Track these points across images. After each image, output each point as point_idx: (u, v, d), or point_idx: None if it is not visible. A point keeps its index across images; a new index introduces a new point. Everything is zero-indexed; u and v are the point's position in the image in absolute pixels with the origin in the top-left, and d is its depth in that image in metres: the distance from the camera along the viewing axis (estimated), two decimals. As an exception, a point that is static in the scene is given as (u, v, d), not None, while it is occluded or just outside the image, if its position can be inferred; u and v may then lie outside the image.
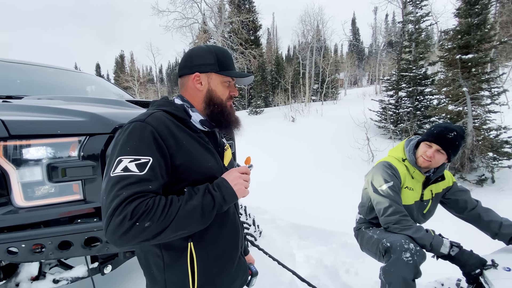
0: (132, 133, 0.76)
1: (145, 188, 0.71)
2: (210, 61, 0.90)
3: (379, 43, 32.38)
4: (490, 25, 6.51)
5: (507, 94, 10.98)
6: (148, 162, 0.73)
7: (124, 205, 0.66)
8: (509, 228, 1.45)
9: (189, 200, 0.74)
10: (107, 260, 1.64)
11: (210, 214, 0.76)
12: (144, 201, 0.68)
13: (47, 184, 1.28)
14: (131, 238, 0.66)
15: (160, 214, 0.68)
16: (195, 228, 0.76)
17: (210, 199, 0.76)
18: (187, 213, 0.72)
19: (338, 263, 2.71)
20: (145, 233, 0.67)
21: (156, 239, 0.70)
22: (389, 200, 1.52)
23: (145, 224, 0.66)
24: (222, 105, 0.92)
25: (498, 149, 6.18)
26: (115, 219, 0.65)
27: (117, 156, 0.73)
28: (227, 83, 0.94)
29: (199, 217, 0.74)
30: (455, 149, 1.50)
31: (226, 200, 0.79)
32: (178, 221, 0.70)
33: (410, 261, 1.34)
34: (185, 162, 0.80)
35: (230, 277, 0.93)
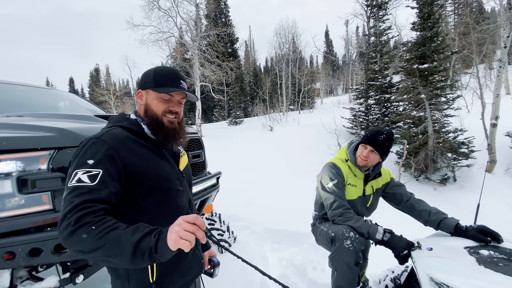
0: (87, 149, 0.87)
1: (95, 197, 0.78)
2: (149, 79, 1.01)
3: (351, 54, 33.95)
4: (442, 37, 7.16)
5: (466, 98, 11.97)
6: (98, 174, 0.81)
7: (73, 212, 0.74)
8: (436, 215, 1.69)
9: (130, 234, 0.71)
10: (79, 269, 1.70)
11: (143, 257, 0.70)
12: (91, 213, 0.74)
13: (17, 196, 1.36)
14: (71, 243, 0.72)
15: (99, 232, 0.70)
16: (124, 263, 0.71)
17: (147, 242, 0.70)
18: (121, 243, 0.70)
19: (306, 261, 2.89)
20: (81, 244, 0.71)
21: (91, 256, 0.71)
22: (334, 196, 1.74)
23: (83, 235, 0.70)
24: (156, 119, 1.00)
25: (457, 150, 6.71)
26: (64, 223, 0.73)
27: (73, 169, 0.83)
28: (165, 99, 1.01)
29: (130, 254, 0.69)
30: (385, 149, 1.74)
31: (157, 250, 0.70)
32: (110, 246, 0.69)
33: (351, 248, 1.54)
34: (140, 169, 0.92)
35: (185, 268, 1.07)
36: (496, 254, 1.32)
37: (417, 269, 1.34)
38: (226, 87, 24.51)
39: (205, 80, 15.66)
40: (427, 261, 1.37)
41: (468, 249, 1.40)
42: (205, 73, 15.16)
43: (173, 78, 1.02)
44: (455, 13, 24.43)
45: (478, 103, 9.13)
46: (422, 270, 1.30)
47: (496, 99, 7.13)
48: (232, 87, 25.34)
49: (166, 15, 14.03)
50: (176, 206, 1.05)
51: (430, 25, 7.03)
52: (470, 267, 1.24)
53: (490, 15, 22.71)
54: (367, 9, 11.36)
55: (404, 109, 8.79)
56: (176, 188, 1.04)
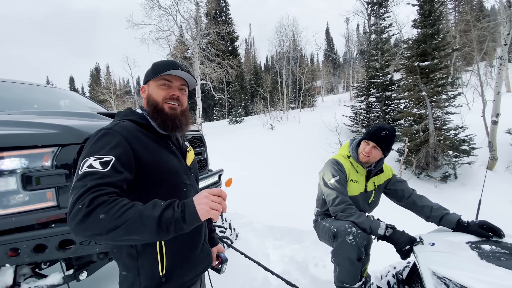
0: (99, 139, 0.88)
1: (108, 181, 0.77)
2: (149, 72, 1.05)
3: (352, 52, 33.89)
4: (443, 34, 7.14)
5: (467, 96, 11.95)
6: (111, 160, 0.81)
7: (86, 194, 0.72)
8: (437, 211, 1.69)
9: (150, 209, 0.74)
10: (83, 266, 1.72)
11: (168, 229, 0.73)
12: (105, 195, 0.73)
13: (21, 193, 1.37)
14: (86, 227, 0.70)
15: (116, 211, 0.70)
16: (148, 238, 0.74)
17: (171, 214, 0.74)
18: (143, 219, 0.71)
19: (308, 258, 2.90)
20: (99, 226, 0.69)
21: (109, 236, 0.71)
22: (336, 192, 1.75)
23: (100, 216, 0.69)
24: (156, 105, 1.02)
25: (457, 147, 6.71)
26: (76, 207, 0.71)
27: (84, 157, 0.83)
28: (165, 85, 1.03)
29: (154, 228, 0.71)
30: (388, 145, 1.75)
31: (186, 220, 0.74)
32: (131, 224, 0.70)
33: (353, 243, 1.55)
34: (150, 162, 0.93)
35: (194, 261, 1.08)
36: (498, 249, 1.33)
37: (419, 263, 1.35)
38: (226, 86, 24.49)
39: (206, 78, 15.65)
40: (429, 255, 1.38)
41: (470, 244, 1.40)
42: (206, 71, 15.15)
43: (170, 64, 1.04)
44: (456, 11, 24.35)
45: (479, 100, 9.12)
46: (424, 265, 1.31)
47: (497, 97, 7.12)
48: (233, 85, 25.33)
49: (166, 13, 14.02)
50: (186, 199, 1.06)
51: (431, 22, 7.02)
52: (472, 262, 1.24)
53: (491, 13, 22.63)
54: (367, 6, 11.33)
55: (405, 107, 8.79)
56: (184, 182, 1.06)
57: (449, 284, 1.17)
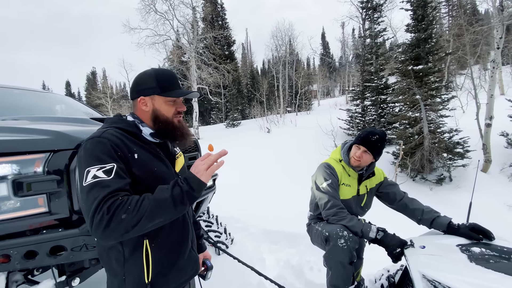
0: (92, 147, 0.89)
1: (116, 187, 0.83)
2: (152, 85, 1.02)
3: (347, 56, 34.18)
4: (436, 38, 7.24)
5: (461, 99, 12.09)
6: (113, 168, 0.86)
7: (101, 205, 0.78)
8: (428, 214, 1.71)
9: (160, 194, 0.85)
10: (75, 272, 1.70)
11: (182, 202, 0.85)
12: (118, 199, 0.80)
13: (12, 199, 1.37)
14: (112, 231, 0.77)
15: (134, 207, 0.79)
16: (171, 216, 0.87)
17: (179, 190, 0.85)
18: (159, 203, 0.82)
19: (303, 262, 2.90)
20: (124, 225, 0.78)
21: (136, 230, 0.80)
22: (328, 195, 1.76)
23: (122, 216, 0.77)
24: (167, 122, 1.05)
25: (452, 150, 6.77)
26: (96, 217, 0.77)
27: (84, 168, 0.85)
28: (172, 102, 1.05)
29: (171, 207, 0.84)
30: (378, 149, 1.77)
31: (194, 188, 0.87)
32: (152, 212, 0.81)
33: (345, 247, 1.56)
34: (137, 169, 0.95)
35: (180, 269, 1.08)
36: (488, 251, 1.34)
37: (410, 266, 1.36)
38: (223, 90, 24.55)
39: (202, 82, 15.69)
40: (420, 258, 1.39)
41: (460, 246, 1.42)
42: (202, 75, 15.19)
43: (175, 81, 1.07)
44: (449, 15, 24.70)
45: (473, 103, 9.22)
46: (415, 268, 1.32)
47: (490, 100, 7.22)
48: (229, 89, 25.37)
49: (162, 18, 14.08)
50: None
51: (424, 26, 7.12)
52: (462, 264, 1.26)
53: (484, 17, 22.98)
54: (362, 11, 11.45)
55: (400, 110, 8.87)
56: None
57: (438, 286, 1.19)
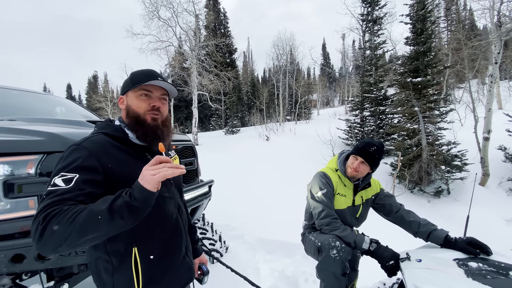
0: (67, 156, 0.88)
1: (64, 197, 0.77)
2: (127, 83, 1.03)
3: (347, 67, 34.55)
4: (434, 52, 7.34)
5: (459, 112, 12.17)
6: (73, 177, 0.81)
7: (41, 212, 0.73)
8: (425, 227, 1.69)
9: (99, 204, 0.75)
10: (64, 278, 1.66)
11: (122, 215, 0.73)
12: (58, 208, 0.73)
13: (2, 201, 1.34)
14: (45, 243, 0.71)
15: (68, 218, 0.70)
16: (106, 232, 0.74)
17: (120, 201, 0.75)
18: (93, 216, 0.72)
19: (298, 273, 2.85)
20: (55, 237, 0.70)
21: (68, 244, 0.71)
22: (322, 205, 1.74)
23: (54, 227, 0.70)
24: (137, 118, 1.00)
25: (450, 162, 6.78)
26: (32, 227, 0.72)
27: (52, 175, 0.84)
28: (144, 96, 1.01)
29: (107, 220, 0.72)
30: (376, 161, 1.76)
31: (136, 198, 0.75)
32: (84, 225, 0.70)
33: (337, 257, 1.54)
34: (120, 175, 0.91)
35: (173, 276, 1.04)
36: (485, 266, 1.32)
37: (406, 280, 1.33)
38: (223, 97, 24.66)
39: (203, 89, 15.77)
40: (416, 272, 1.36)
41: (457, 261, 1.39)
42: (203, 82, 15.27)
43: (149, 74, 1.02)
44: (448, 30, 25.12)
45: (471, 117, 9.28)
46: (411, 282, 1.29)
47: (488, 113, 7.26)
48: (230, 96, 25.51)
49: (165, 24, 14.21)
50: (163, 213, 1.03)
51: (423, 40, 7.22)
52: (459, 279, 1.23)
53: (482, 32, 23.37)
54: (362, 23, 11.63)
55: (399, 121, 8.91)
56: (162, 195, 1.02)
57: (434, 302, 1.16)
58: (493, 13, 7.75)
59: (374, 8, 11.08)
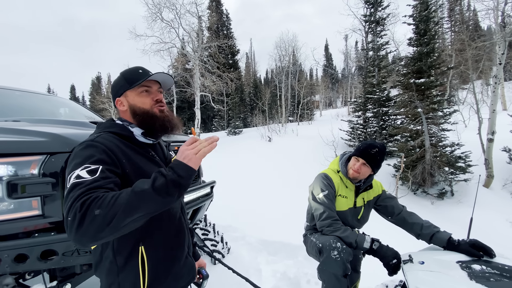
0: (83, 151, 0.87)
1: (96, 185, 0.77)
2: (121, 83, 1.03)
3: (350, 68, 34.47)
4: (438, 52, 7.30)
5: (463, 113, 12.08)
6: (98, 168, 0.81)
7: (76, 201, 0.72)
8: (428, 229, 1.68)
9: (139, 185, 0.77)
10: (67, 278, 1.67)
11: (167, 193, 0.76)
12: (94, 194, 0.73)
13: (6, 201, 1.35)
14: (86, 231, 0.69)
15: (109, 201, 0.71)
16: (154, 208, 0.77)
17: (163, 180, 0.77)
18: (137, 196, 0.74)
19: (300, 274, 2.84)
20: (97, 222, 0.69)
21: (112, 228, 0.70)
22: (324, 206, 1.74)
23: (95, 212, 0.69)
24: (146, 113, 1.02)
25: (454, 164, 6.72)
26: (69, 217, 0.70)
27: (71, 171, 0.82)
28: (145, 92, 1.03)
29: (153, 197, 0.74)
30: (377, 162, 1.75)
31: (181, 176, 0.79)
32: (129, 204, 0.72)
33: (338, 258, 1.53)
34: (133, 173, 0.93)
35: (176, 275, 1.05)
36: (488, 269, 1.31)
37: (408, 282, 1.32)
38: (226, 98, 24.70)
39: (205, 90, 15.79)
40: (418, 274, 1.35)
41: (460, 263, 1.38)
42: (206, 83, 15.30)
43: (142, 71, 1.04)
44: (452, 30, 24.98)
45: (475, 118, 9.21)
46: (413, 284, 1.28)
47: (492, 115, 7.21)
48: (232, 97, 25.56)
49: (168, 26, 14.27)
50: (168, 212, 1.04)
51: (426, 41, 7.19)
52: (462, 282, 1.22)
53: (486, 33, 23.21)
54: (365, 24, 11.61)
55: (402, 123, 8.87)
56: None
57: (437, 304, 1.15)
58: (497, 14, 7.70)
59: (377, 9, 11.06)
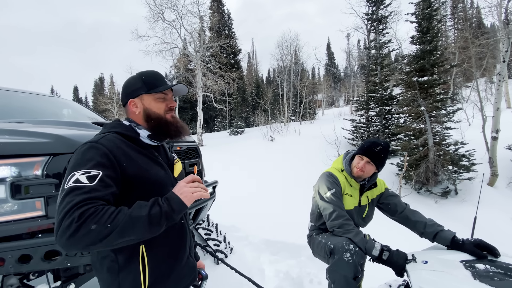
0: (85, 152, 0.88)
1: (95, 195, 0.78)
2: (138, 86, 1.04)
3: (352, 66, 34.35)
4: (441, 50, 7.24)
5: (467, 111, 11.98)
6: (98, 175, 0.82)
7: (73, 210, 0.73)
8: (431, 228, 1.66)
9: (137, 210, 0.80)
10: (70, 278, 1.68)
11: (159, 223, 0.81)
12: (92, 207, 0.75)
13: (10, 202, 1.36)
14: (78, 240, 0.72)
15: (107, 218, 0.74)
16: (143, 235, 0.80)
17: (158, 210, 0.81)
18: (133, 220, 0.77)
19: (303, 274, 2.83)
20: (91, 236, 0.72)
21: (103, 243, 0.74)
22: (333, 205, 1.72)
23: (92, 227, 0.72)
24: (160, 119, 1.05)
25: (457, 162, 6.67)
26: (65, 223, 0.72)
27: (70, 171, 0.83)
28: (161, 98, 1.06)
29: (146, 225, 0.78)
30: (382, 160, 1.74)
31: (174, 210, 0.84)
32: (124, 227, 0.75)
33: (350, 261, 1.51)
34: (136, 174, 0.93)
35: (178, 275, 1.06)
36: (493, 268, 1.29)
37: (412, 282, 1.31)
38: (228, 97, 24.72)
39: (207, 90, 15.83)
40: (422, 274, 1.34)
41: (464, 263, 1.37)
42: (208, 83, 15.34)
43: (161, 78, 1.08)
44: (455, 28, 24.78)
45: (479, 116, 9.14)
46: (417, 284, 1.27)
47: (496, 113, 7.14)
48: (234, 97, 25.55)
49: (170, 26, 14.33)
50: None
51: (429, 39, 7.14)
52: (465, 281, 1.21)
53: (490, 30, 23.00)
54: (367, 23, 11.55)
55: (405, 121, 8.81)
56: None
57: (441, 304, 1.14)
58: (500, 11, 7.63)
59: (379, 7, 10.99)
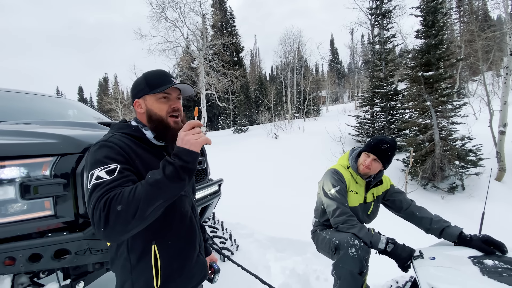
0: (98, 151, 0.90)
1: (116, 184, 0.81)
2: (142, 86, 1.03)
3: (356, 62, 34.05)
4: (446, 44, 7.14)
5: (474, 105, 11.82)
6: (116, 168, 0.84)
7: (98, 201, 0.76)
8: (438, 223, 1.65)
9: (152, 177, 0.80)
10: (80, 276, 1.71)
11: (179, 178, 0.80)
12: (113, 192, 0.78)
13: (19, 202, 1.39)
14: (113, 227, 0.74)
15: (127, 196, 0.76)
16: (171, 194, 0.81)
17: (172, 168, 0.80)
18: (153, 186, 0.78)
19: (309, 271, 2.84)
20: (122, 217, 0.74)
21: (138, 220, 0.76)
22: (337, 202, 1.72)
23: (118, 208, 0.74)
24: (162, 121, 1.03)
25: (464, 157, 6.59)
26: (95, 217, 0.75)
27: (89, 171, 0.85)
28: (164, 98, 1.03)
29: (168, 185, 0.79)
30: (388, 158, 1.73)
31: (187, 161, 0.82)
32: (147, 196, 0.76)
33: (356, 256, 1.52)
34: (144, 173, 0.92)
35: (188, 273, 1.07)
36: (501, 264, 1.28)
37: (419, 278, 1.31)
38: (231, 95, 24.73)
39: (211, 88, 15.85)
40: (429, 270, 1.34)
41: (472, 258, 1.36)
42: (211, 81, 15.36)
43: (164, 77, 1.05)
44: (461, 21, 24.39)
45: (485, 110, 9.01)
46: (424, 280, 1.27)
47: (503, 107, 7.03)
48: (237, 95, 25.55)
49: (173, 25, 14.34)
50: (179, 211, 1.06)
51: (435, 32, 7.03)
52: (474, 277, 1.20)
53: (496, 23, 22.59)
54: (371, 17, 11.42)
55: (410, 117, 8.72)
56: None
57: (448, 300, 1.14)
58: (507, 3, 7.48)
59: (383, 1, 10.86)
